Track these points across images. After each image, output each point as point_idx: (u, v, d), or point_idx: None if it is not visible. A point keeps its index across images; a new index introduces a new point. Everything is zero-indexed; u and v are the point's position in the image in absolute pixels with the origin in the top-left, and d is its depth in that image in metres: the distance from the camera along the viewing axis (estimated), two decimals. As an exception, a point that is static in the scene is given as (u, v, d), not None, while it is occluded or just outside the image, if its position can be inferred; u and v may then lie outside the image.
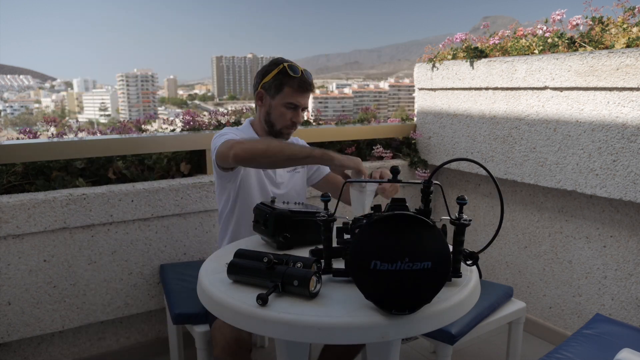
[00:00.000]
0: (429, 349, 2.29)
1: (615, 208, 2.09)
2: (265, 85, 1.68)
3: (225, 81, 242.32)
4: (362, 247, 0.92)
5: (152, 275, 2.15)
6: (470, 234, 2.75)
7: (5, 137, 2.56)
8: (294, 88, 1.65)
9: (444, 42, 2.73)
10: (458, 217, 1.11)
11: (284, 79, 1.65)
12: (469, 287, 1.10)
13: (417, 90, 2.91)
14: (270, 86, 1.67)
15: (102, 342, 2.16)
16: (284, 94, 1.66)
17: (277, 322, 0.96)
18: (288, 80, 1.65)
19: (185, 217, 2.18)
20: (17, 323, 1.90)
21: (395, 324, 0.95)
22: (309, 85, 1.68)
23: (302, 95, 1.68)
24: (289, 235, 1.33)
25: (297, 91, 1.66)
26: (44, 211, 1.87)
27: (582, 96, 2.04)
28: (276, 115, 1.68)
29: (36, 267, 1.90)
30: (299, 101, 1.67)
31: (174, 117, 2.58)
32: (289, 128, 1.71)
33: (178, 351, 1.94)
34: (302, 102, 1.69)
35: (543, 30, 2.28)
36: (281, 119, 1.68)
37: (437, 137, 2.78)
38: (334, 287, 1.09)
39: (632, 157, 1.88)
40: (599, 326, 1.61)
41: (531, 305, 2.45)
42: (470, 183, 2.76)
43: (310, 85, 1.68)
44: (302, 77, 1.65)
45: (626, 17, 2.01)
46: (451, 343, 1.60)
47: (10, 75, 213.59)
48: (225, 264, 1.13)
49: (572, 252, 2.26)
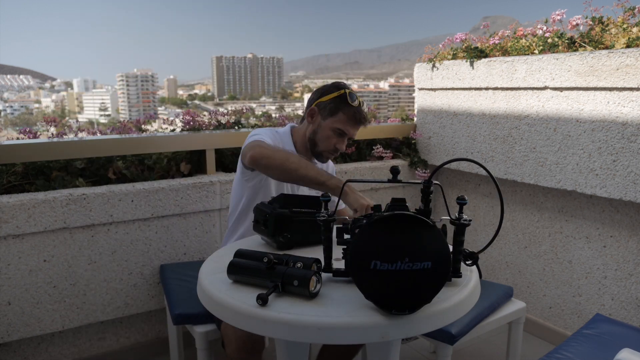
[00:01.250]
0: (429, 349, 2.29)
1: (615, 208, 2.09)
2: (320, 104, 1.67)
3: (225, 81, 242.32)
4: (362, 247, 0.92)
5: (152, 275, 2.15)
6: (470, 234, 2.75)
7: (5, 137, 2.56)
8: (348, 116, 1.64)
9: (444, 42, 2.73)
10: (458, 217, 1.11)
11: (341, 104, 1.64)
12: (469, 287, 1.10)
13: (417, 90, 2.91)
14: (326, 107, 1.66)
15: (102, 342, 2.16)
16: (337, 118, 1.65)
17: (277, 322, 0.96)
18: (345, 107, 1.64)
19: (185, 217, 2.18)
20: (17, 323, 1.90)
21: (395, 324, 0.95)
22: (364, 119, 1.67)
23: (354, 125, 1.67)
24: (289, 235, 1.33)
25: (350, 120, 1.65)
26: (44, 211, 1.87)
27: (582, 96, 2.04)
28: (322, 136, 1.67)
29: (36, 267, 1.90)
30: (349, 130, 1.67)
31: (174, 117, 2.58)
32: (330, 152, 1.70)
33: (178, 351, 1.94)
34: (352, 132, 1.68)
35: (543, 30, 2.28)
36: (326, 142, 1.67)
37: (437, 137, 2.78)
38: (334, 287, 1.09)
39: (632, 157, 1.88)
40: (599, 326, 1.61)
41: (531, 305, 2.45)
42: (470, 183, 2.76)
43: (364, 119, 1.67)
44: (359, 107, 1.65)
45: (626, 17, 2.01)
46: (451, 343, 1.60)
47: (10, 75, 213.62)
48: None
49: (572, 252, 2.26)
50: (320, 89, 1.71)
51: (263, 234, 1.39)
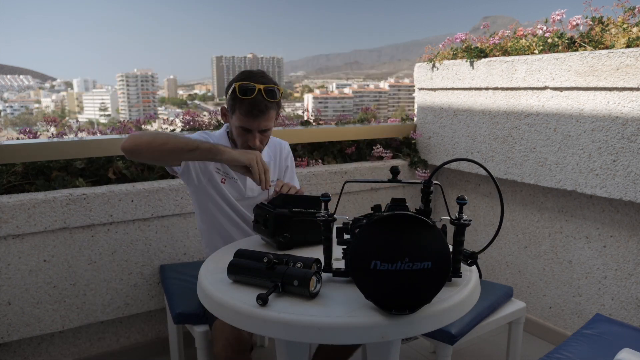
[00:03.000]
0: (429, 349, 2.29)
1: (615, 208, 2.09)
2: (227, 102, 1.57)
3: (225, 81, 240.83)
4: (362, 247, 0.92)
5: (152, 275, 2.15)
6: (470, 234, 2.75)
7: (5, 137, 2.56)
8: (243, 112, 1.50)
9: (444, 42, 2.73)
10: (458, 217, 1.11)
11: (235, 100, 1.51)
12: (469, 287, 1.10)
13: (417, 90, 2.91)
14: (228, 104, 1.56)
15: (102, 342, 2.16)
16: (236, 115, 1.53)
17: (277, 322, 0.96)
18: (238, 102, 1.50)
19: (185, 217, 2.18)
20: (17, 323, 1.90)
21: (395, 324, 0.95)
22: (261, 111, 1.49)
23: (254, 120, 1.50)
24: (289, 235, 1.34)
25: (248, 115, 1.50)
26: (44, 211, 1.87)
27: (582, 96, 2.04)
28: (235, 135, 1.58)
29: (36, 267, 1.90)
30: (251, 125, 1.51)
31: (174, 117, 2.58)
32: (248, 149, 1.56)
33: (178, 351, 1.94)
34: (255, 125, 1.51)
35: (543, 30, 2.28)
36: (239, 140, 1.58)
37: (437, 137, 2.78)
38: (334, 287, 1.09)
39: (632, 157, 1.88)
40: (599, 326, 1.61)
41: (531, 305, 2.45)
42: (470, 183, 2.76)
43: (262, 111, 1.49)
44: (254, 99, 1.47)
45: (626, 17, 2.01)
46: (451, 343, 1.60)
47: (10, 75, 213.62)
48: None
49: (572, 252, 2.26)
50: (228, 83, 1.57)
51: (263, 234, 1.40)
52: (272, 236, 1.34)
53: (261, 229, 1.38)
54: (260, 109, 1.49)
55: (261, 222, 1.37)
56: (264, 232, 1.38)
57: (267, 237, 1.38)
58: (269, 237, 1.36)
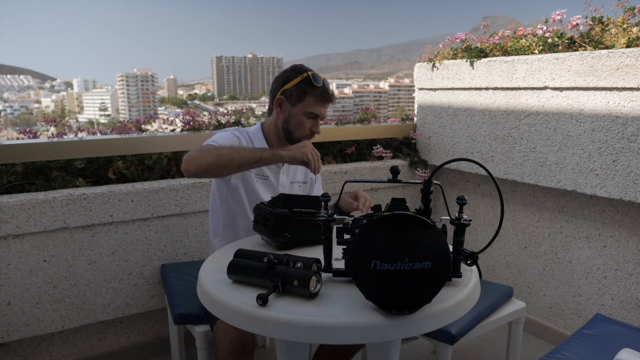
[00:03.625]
0: (429, 349, 2.29)
1: (615, 208, 2.09)
2: (286, 92, 1.66)
3: (225, 81, 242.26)
4: (362, 247, 0.92)
5: (153, 275, 2.15)
6: (470, 234, 2.75)
7: (5, 137, 2.56)
8: (316, 98, 1.64)
9: (444, 42, 2.73)
10: (458, 217, 1.11)
11: (306, 87, 1.64)
12: (469, 287, 1.10)
13: (417, 90, 2.91)
14: (292, 94, 1.65)
15: (102, 342, 2.16)
16: (306, 103, 1.65)
17: (277, 322, 0.96)
18: (311, 89, 1.64)
19: (185, 217, 2.18)
20: (17, 323, 1.90)
21: (395, 324, 0.95)
22: (331, 95, 1.69)
23: (324, 105, 1.68)
24: (289, 235, 1.33)
25: (319, 101, 1.65)
26: (44, 211, 1.87)
27: (582, 96, 2.04)
28: (296, 123, 1.67)
29: (36, 267, 1.90)
30: (320, 111, 1.67)
31: (174, 117, 2.58)
32: (307, 137, 1.69)
33: (179, 351, 1.94)
34: (323, 112, 1.69)
35: (543, 30, 2.28)
36: (300, 128, 1.68)
37: (437, 137, 2.78)
38: (334, 287, 1.09)
39: (632, 157, 1.88)
40: (599, 326, 1.61)
41: (531, 305, 2.45)
42: (470, 183, 2.76)
43: (331, 95, 1.69)
44: (324, 87, 1.66)
45: (626, 17, 2.01)
46: (451, 343, 1.60)
47: (10, 75, 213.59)
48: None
49: (572, 252, 2.26)
50: (281, 76, 1.70)
51: (263, 234, 1.39)
52: (272, 236, 1.34)
53: (261, 228, 1.38)
54: (331, 95, 1.69)
55: (261, 222, 1.37)
56: (263, 232, 1.37)
57: (267, 237, 1.38)
58: (268, 237, 1.36)
